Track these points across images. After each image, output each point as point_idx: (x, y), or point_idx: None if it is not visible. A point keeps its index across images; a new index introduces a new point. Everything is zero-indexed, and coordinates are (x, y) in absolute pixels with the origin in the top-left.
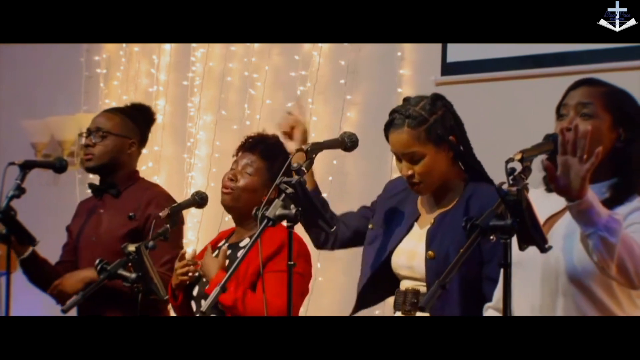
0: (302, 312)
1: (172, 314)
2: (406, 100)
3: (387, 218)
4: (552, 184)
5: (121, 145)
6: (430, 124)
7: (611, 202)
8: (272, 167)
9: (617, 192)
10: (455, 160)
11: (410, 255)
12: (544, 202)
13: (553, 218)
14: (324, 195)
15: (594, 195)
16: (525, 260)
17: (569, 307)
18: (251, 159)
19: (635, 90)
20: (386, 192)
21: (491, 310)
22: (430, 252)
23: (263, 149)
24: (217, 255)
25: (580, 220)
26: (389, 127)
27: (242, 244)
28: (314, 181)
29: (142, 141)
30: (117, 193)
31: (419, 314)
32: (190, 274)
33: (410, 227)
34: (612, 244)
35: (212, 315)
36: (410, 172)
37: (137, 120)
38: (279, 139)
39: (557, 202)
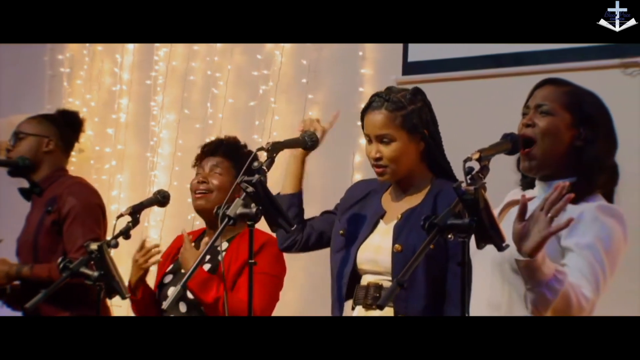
0: None
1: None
2: (389, 88)
3: (352, 225)
4: (517, 224)
5: (37, 145)
6: (407, 112)
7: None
8: (236, 166)
9: (577, 191)
10: (425, 156)
11: (376, 249)
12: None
13: (513, 205)
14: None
15: (544, 255)
16: (478, 252)
17: (513, 295)
18: (217, 160)
19: (593, 89)
20: (348, 199)
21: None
22: (397, 246)
23: (225, 150)
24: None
25: (524, 275)
26: (366, 109)
27: (220, 248)
28: (299, 184)
29: (63, 139)
30: (39, 192)
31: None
32: (151, 260)
33: (376, 224)
34: (549, 300)
35: (192, 315)
36: (378, 155)
37: (56, 121)
38: (237, 139)
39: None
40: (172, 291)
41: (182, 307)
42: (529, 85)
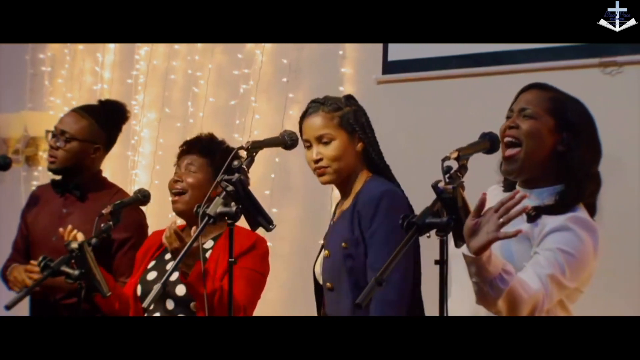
0: None
1: None
2: (325, 97)
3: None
4: (470, 219)
5: (86, 150)
6: (344, 112)
7: (554, 209)
8: (212, 162)
9: (563, 200)
10: (364, 158)
11: (319, 263)
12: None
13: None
14: (266, 192)
15: (490, 254)
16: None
17: None
18: (191, 158)
19: (565, 89)
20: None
21: None
22: (325, 252)
23: (200, 147)
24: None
25: (470, 270)
26: (304, 116)
27: (206, 246)
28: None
29: (109, 144)
30: (81, 196)
31: None
32: None
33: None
34: (492, 297)
35: (180, 315)
36: (319, 157)
37: (104, 123)
38: (213, 135)
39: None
40: (157, 286)
41: (169, 304)
42: (507, 84)
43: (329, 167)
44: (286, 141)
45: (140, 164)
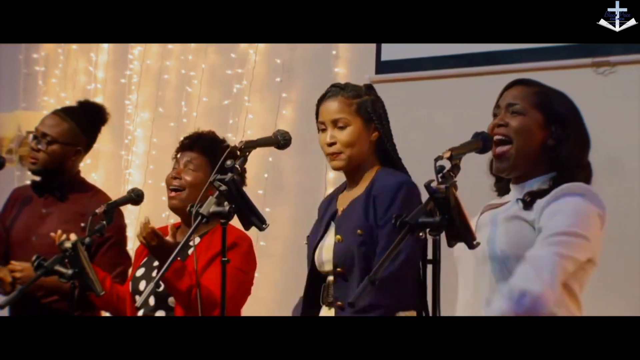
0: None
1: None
2: (345, 83)
3: (313, 228)
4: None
5: (66, 153)
6: (363, 99)
7: (548, 192)
8: (212, 161)
9: (556, 185)
10: (377, 148)
11: (328, 248)
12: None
13: (491, 207)
14: (260, 192)
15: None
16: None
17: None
18: (191, 156)
19: (561, 89)
20: (319, 212)
21: None
22: (337, 237)
23: (202, 145)
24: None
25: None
26: (322, 99)
27: (191, 243)
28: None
29: (89, 146)
30: (61, 196)
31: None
32: None
33: (328, 225)
34: None
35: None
36: (332, 140)
37: (85, 126)
38: (215, 134)
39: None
40: (143, 285)
41: (151, 301)
42: (501, 84)
43: (342, 152)
44: (279, 141)
45: (133, 163)
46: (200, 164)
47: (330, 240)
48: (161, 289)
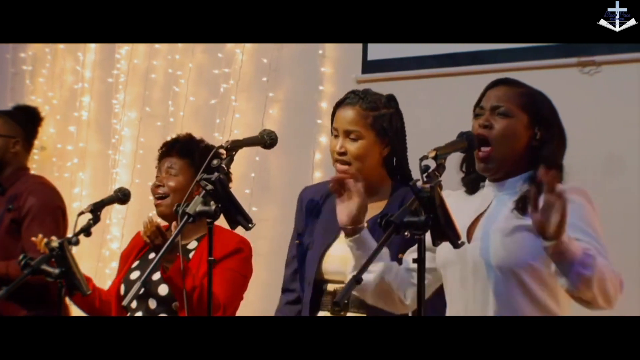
0: None
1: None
2: (365, 90)
3: (313, 229)
4: (533, 213)
5: (5, 145)
6: (380, 113)
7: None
8: (193, 163)
9: (536, 185)
10: (387, 162)
11: (343, 261)
12: (465, 204)
13: (480, 217)
14: (246, 191)
15: (568, 235)
16: (456, 259)
17: (501, 302)
18: (171, 161)
19: (543, 88)
20: (305, 204)
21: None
22: None
23: (179, 148)
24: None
25: (556, 261)
26: (340, 103)
27: (190, 246)
28: None
29: (28, 139)
30: (2, 190)
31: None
32: None
33: (338, 233)
34: (587, 276)
35: (162, 314)
36: (343, 150)
37: (19, 119)
38: (191, 136)
39: (480, 202)
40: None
41: (152, 304)
42: (486, 83)
43: (351, 164)
44: (265, 140)
45: (121, 162)
46: (181, 167)
47: (343, 251)
48: (166, 293)
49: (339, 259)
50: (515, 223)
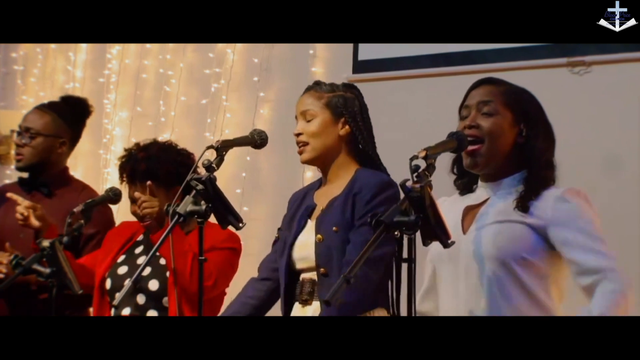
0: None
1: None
2: (330, 83)
3: (289, 223)
4: None
5: (51, 145)
6: (334, 95)
7: (528, 196)
8: (160, 182)
9: (531, 186)
10: (351, 146)
11: (303, 246)
12: (459, 204)
13: (473, 210)
14: (237, 191)
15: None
16: (448, 256)
17: (494, 293)
18: (140, 188)
19: (534, 88)
20: (290, 205)
21: None
22: (318, 236)
23: (140, 176)
24: (144, 250)
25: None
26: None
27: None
28: None
29: (74, 139)
30: (48, 192)
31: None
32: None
33: (305, 222)
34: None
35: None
36: (299, 131)
37: (68, 118)
38: (149, 156)
39: (474, 199)
40: (128, 283)
41: (140, 299)
42: (470, 85)
43: (308, 144)
44: (255, 140)
45: (112, 162)
46: (151, 191)
47: (306, 237)
48: (156, 288)
49: (300, 246)
50: (513, 217)
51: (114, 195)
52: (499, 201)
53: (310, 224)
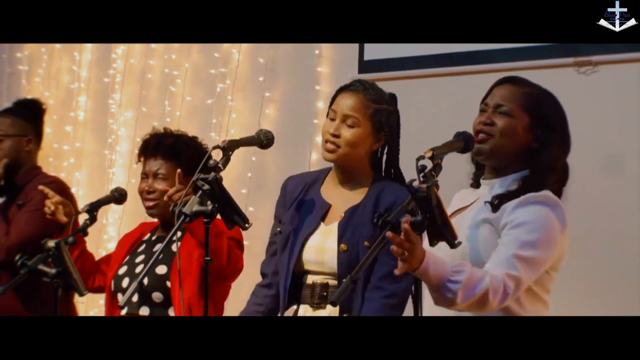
0: (225, 305)
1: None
2: (372, 82)
3: (295, 217)
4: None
5: (18, 145)
6: (381, 107)
7: (516, 195)
8: (180, 163)
9: (526, 185)
10: (374, 155)
11: (319, 250)
12: (467, 197)
13: (460, 211)
14: (243, 191)
15: (427, 265)
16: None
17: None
18: (158, 163)
19: (547, 87)
20: (287, 192)
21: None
22: (342, 246)
23: (164, 150)
24: (144, 249)
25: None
26: (344, 88)
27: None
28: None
29: (38, 136)
30: (16, 190)
31: (328, 308)
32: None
33: (318, 223)
34: (449, 298)
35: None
36: (337, 133)
37: (27, 117)
38: (174, 135)
39: (469, 197)
40: (126, 282)
41: (134, 297)
42: (483, 83)
43: (340, 149)
44: (262, 140)
45: (117, 162)
46: (168, 170)
47: (322, 242)
48: (145, 284)
49: (315, 249)
50: (484, 216)
51: (119, 196)
52: (484, 205)
53: (326, 228)
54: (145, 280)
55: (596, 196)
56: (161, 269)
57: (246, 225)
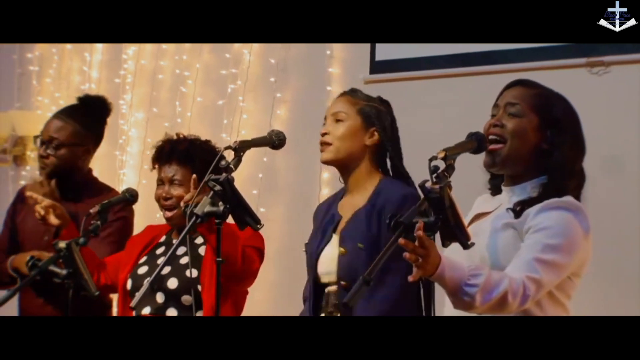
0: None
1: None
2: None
3: (313, 236)
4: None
5: (75, 155)
6: (368, 104)
7: (538, 201)
8: (194, 168)
9: (546, 192)
10: (376, 155)
11: (329, 260)
12: (489, 203)
13: (481, 216)
14: (254, 192)
15: (443, 270)
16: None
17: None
18: (173, 169)
19: (555, 89)
20: (315, 221)
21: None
22: (341, 249)
23: (178, 156)
24: (164, 252)
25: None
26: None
27: (197, 241)
28: None
29: (97, 142)
30: (74, 198)
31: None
32: None
33: (330, 235)
34: (467, 302)
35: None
36: (326, 131)
37: (89, 123)
38: (187, 140)
39: (491, 203)
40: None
41: (160, 298)
42: (496, 83)
43: (332, 144)
44: (273, 141)
45: (128, 163)
46: (184, 175)
47: (331, 250)
48: (175, 287)
49: (328, 260)
50: (507, 220)
51: (130, 197)
52: (506, 212)
53: (335, 238)
54: (175, 283)
55: (609, 197)
56: (192, 273)
57: (258, 226)
